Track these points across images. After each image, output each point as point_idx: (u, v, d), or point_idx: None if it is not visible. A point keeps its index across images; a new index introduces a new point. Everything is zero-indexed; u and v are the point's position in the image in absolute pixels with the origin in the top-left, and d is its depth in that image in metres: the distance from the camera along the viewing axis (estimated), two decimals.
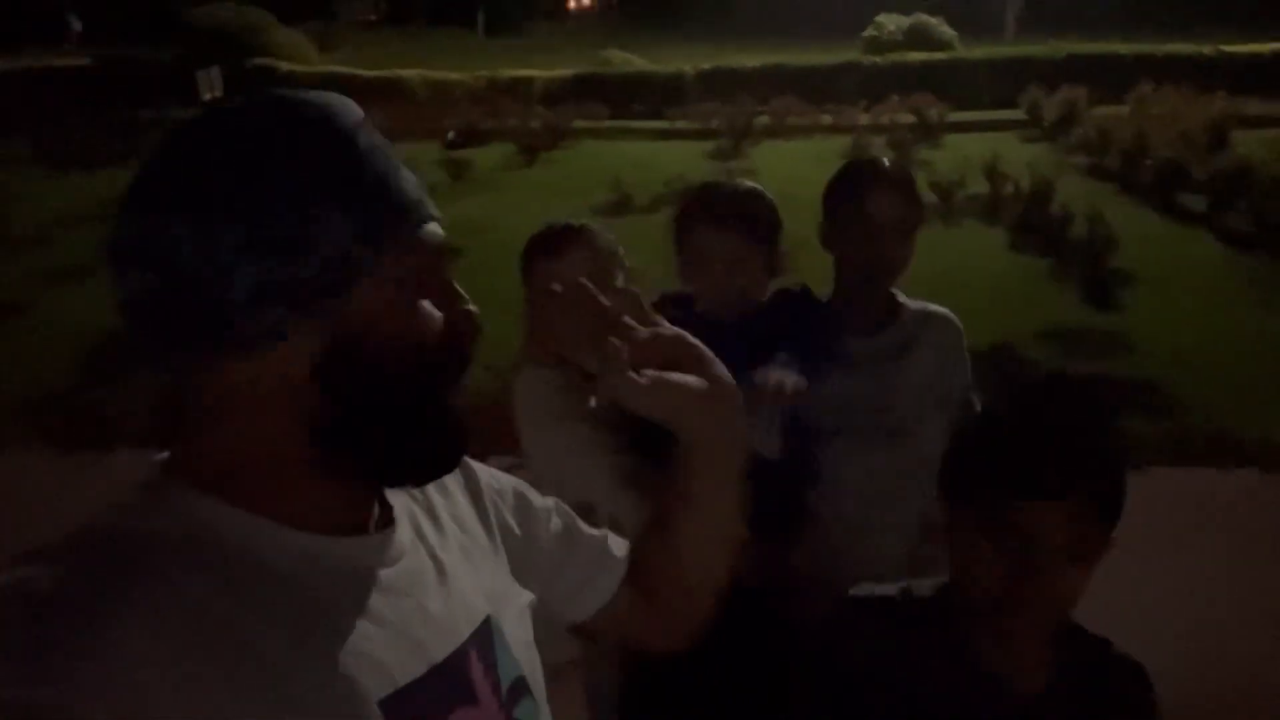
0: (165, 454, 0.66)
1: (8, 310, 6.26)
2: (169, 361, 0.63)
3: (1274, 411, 4.40)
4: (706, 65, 13.99)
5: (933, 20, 15.31)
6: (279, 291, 0.60)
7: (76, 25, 26.67)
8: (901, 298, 1.80)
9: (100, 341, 5.36)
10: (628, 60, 15.16)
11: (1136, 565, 1.00)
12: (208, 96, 10.32)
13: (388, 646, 0.64)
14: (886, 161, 1.80)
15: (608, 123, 12.07)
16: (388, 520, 0.71)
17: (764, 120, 11.32)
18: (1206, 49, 13.08)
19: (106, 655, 0.51)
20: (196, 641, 0.54)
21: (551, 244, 1.64)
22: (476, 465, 0.87)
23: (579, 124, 11.54)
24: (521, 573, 0.83)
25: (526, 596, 0.82)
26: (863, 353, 1.72)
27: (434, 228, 0.67)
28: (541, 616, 0.84)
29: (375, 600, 0.65)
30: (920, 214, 1.73)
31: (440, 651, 0.67)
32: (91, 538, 0.58)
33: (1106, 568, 1.01)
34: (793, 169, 9.33)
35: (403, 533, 0.71)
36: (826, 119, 11.52)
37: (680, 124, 11.66)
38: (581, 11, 39.86)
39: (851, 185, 1.72)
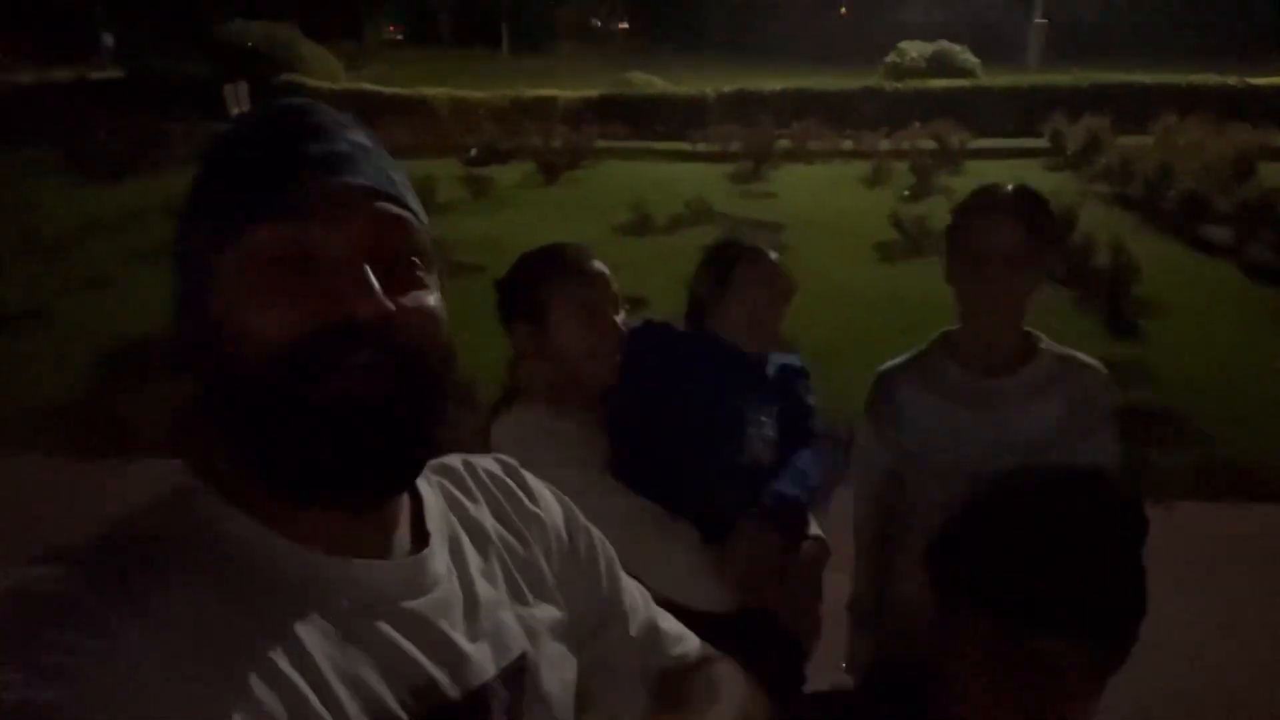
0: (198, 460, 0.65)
1: (32, 317, 6.33)
2: None
3: None
4: (728, 88, 14.03)
5: (956, 47, 15.32)
6: (181, 309, 0.63)
7: (108, 40, 27.20)
8: (1045, 342, 1.68)
9: (122, 349, 5.41)
10: (649, 81, 15.25)
11: (1161, 602, 0.97)
12: (234, 111, 10.47)
13: (395, 679, 0.61)
14: (1009, 187, 1.61)
15: (629, 143, 12.10)
16: (424, 544, 0.68)
17: (784, 144, 11.30)
18: (1231, 80, 13.00)
19: (108, 657, 0.50)
20: (197, 646, 0.54)
21: (578, 268, 1.56)
22: (546, 495, 0.83)
23: (600, 144, 11.58)
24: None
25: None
26: (984, 392, 1.64)
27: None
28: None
29: (388, 630, 0.62)
30: (1034, 246, 1.55)
31: (458, 688, 0.64)
32: (106, 540, 0.58)
33: None
34: (812, 193, 9.34)
35: (437, 560, 0.68)
36: (847, 144, 11.50)
37: (701, 146, 11.66)
38: (605, 32, 40.22)
39: (959, 213, 1.63)
